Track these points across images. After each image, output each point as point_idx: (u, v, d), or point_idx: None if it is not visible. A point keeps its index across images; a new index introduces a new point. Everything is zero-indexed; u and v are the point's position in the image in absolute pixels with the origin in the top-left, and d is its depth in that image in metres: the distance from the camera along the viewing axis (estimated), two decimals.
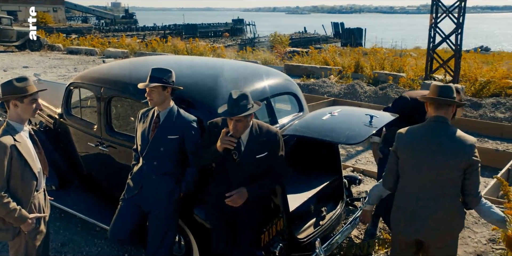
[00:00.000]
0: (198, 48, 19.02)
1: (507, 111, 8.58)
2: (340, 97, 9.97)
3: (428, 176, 2.53)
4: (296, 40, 35.85)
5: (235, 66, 4.53)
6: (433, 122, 2.59)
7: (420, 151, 2.56)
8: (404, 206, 2.63)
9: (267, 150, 2.73)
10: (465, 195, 2.55)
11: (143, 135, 2.99)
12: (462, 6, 11.56)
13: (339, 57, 15.43)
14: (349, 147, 6.98)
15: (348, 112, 3.58)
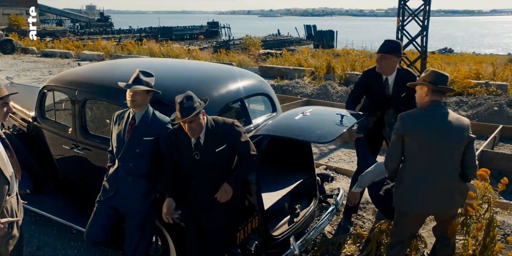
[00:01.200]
0: (173, 51, 18.87)
1: (469, 109, 8.83)
2: (313, 97, 10.05)
3: (439, 155, 2.73)
4: (270, 42, 35.98)
5: (209, 68, 4.52)
6: (434, 106, 2.79)
7: (430, 133, 2.74)
8: (418, 185, 2.78)
9: (226, 142, 2.73)
10: (465, 168, 2.79)
11: (119, 137, 2.95)
12: (426, 10, 11.82)
13: (311, 58, 15.56)
14: (322, 146, 7.05)
15: (319, 112, 3.61)
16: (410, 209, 2.85)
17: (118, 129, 2.97)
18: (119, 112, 3.05)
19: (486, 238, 3.12)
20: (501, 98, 8.99)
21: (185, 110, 2.56)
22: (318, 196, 3.88)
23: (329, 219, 3.67)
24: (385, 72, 3.70)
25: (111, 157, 3.08)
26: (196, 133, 2.66)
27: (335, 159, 6.60)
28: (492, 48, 39.65)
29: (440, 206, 2.82)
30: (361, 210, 4.18)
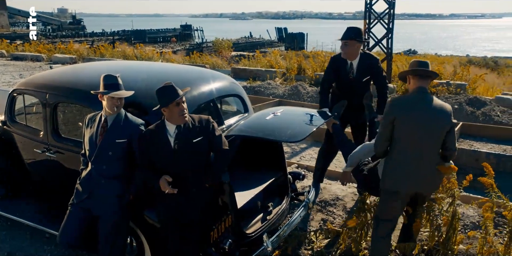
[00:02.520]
0: (146, 53, 18.62)
1: None
2: (285, 98, 10.10)
3: (426, 138, 2.90)
4: (242, 44, 35.94)
5: (181, 70, 4.48)
6: (420, 93, 2.96)
7: (418, 117, 2.89)
8: (405, 166, 2.93)
9: (203, 135, 2.78)
10: (446, 150, 2.98)
11: (91, 139, 2.90)
12: (391, 13, 12.11)
13: (283, 60, 15.66)
14: (293, 145, 7.09)
15: (289, 112, 3.64)
16: (401, 189, 2.96)
17: (90, 132, 2.92)
18: (91, 115, 3.00)
19: (450, 231, 3.20)
20: (461, 97, 9.26)
21: (172, 92, 2.65)
22: (290, 194, 3.90)
23: (301, 215, 3.70)
24: (349, 58, 3.93)
25: (83, 160, 3.02)
26: (187, 115, 2.74)
27: (306, 157, 6.65)
28: (451, 50, 40.90)
29: (426, 186, 3.03)
30: (331, 206, 4.23)
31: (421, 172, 2.93)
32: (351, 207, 4.27)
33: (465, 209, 3.90)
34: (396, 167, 2.96)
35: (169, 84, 2.70)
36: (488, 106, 8.72)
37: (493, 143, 7.40)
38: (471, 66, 15.82)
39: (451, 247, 3.14)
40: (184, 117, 2.71)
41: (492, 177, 3.09)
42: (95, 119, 2.94)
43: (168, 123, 2.76)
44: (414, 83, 2.99)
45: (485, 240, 3.01)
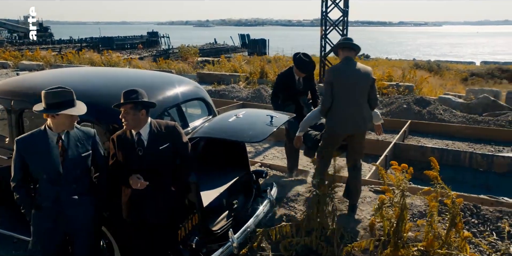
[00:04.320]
0: (113, 60, 18.19)
1: (384, 107, 9.32)
2: (248, 100, 10.11)
3: (356, 92, 3.75)
4: (207, 50, 35.71)
5: (147, 75, 4.40)
6: (348, 60, 3.81)
7: (349, 78, 3.75)
8: (342, 114, 3.76)
9: (169, 141, 2.73)
10: (370, 99, 3.83)
11: (48, 162, 2.53)
12: (345, 21, 12.36)
13: (246, 65, 15.69)
14: (257, 145, 7.11)
15: (251, 114, 3.66)
16: (342, 131, 3.82)
17: (39, 154, 2.53)
18: (26, 138, 2.57)
19: (400, 221, 3.30)
20: (409, 97, 9.58)
21: (127, 96, 2.60)
22: (253, 191, 3.91)
23: (265, 211, 3.71)
24: (300, 76, 4.84)
25: (22, 187, 2.60)
26: (129, 126, 2.64)
27: (269, 156, 6.69)
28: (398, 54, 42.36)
29: (359, 128, 3.83)
30: (293, 202, 4.27)
31: (356, 118, 3.77)
32: (312, 203, 4.32)
33: (413, 199, 4.03)
34: (336, 117, 3.78)
35: (134, 89, 2.63)
36: (432, 105, 9.06)
37: (437, 138, 7.71)
38: (417, 69, 16.44)
39: (401, 235, 3.23)
40: (128, 125, 2.63)
41: (437, 170, 3.21)
42: (35, 140, 2.54)
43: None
44: (342, 54, 3.86)
45: (430, 227, 3.12)
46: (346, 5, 12.15)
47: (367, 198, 4.22)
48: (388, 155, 6.12)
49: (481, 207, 3.89)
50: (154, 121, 2.77)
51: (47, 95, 2.48)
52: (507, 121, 8.09)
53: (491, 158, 6.17)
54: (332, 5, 12.27)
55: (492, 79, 17.41)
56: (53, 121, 2.52)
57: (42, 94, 2.49)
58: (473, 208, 3.87)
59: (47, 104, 2.48)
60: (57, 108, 2.47)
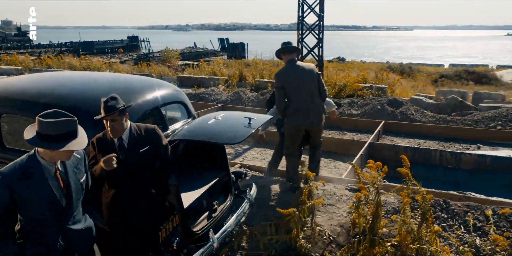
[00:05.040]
0: (94, 64, 17.86)
1: (359, 108, 9.46)
2: (228, 103, 10.10)
3: (307, 89, 4.12)
4: (187, 54, 35.50)
5: (127, 79, 4.35)
6: (291, 62, 4.21)
7: (297, 79, 4.11)
8: (298, 111, 4.13)
9: (149, 144, 2.70)
10: (320, 92, 4.24)
11: (50, 196, 2.15)
12: (321, 25, 12.50)
13: (225, 68, 15.65)
14: (236, 146, 7.10)
15: (230, 116, 3.65)
16: (301, 125, 4.21)
17: (34, 188, 2.11)
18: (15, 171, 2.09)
19: (374, 217, 3.35)
20: (382, 98, 9.74)
21: (108, 108, 2.51)
22: (233, 192, 3.91)
23: (244, 212, 3.71)
24: None
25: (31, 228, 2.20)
26: (117, 133, 2.60)
27: (249, 157, 6.69)
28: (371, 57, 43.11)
29: (314, 123, 4.23)
30: (272, 201, 4.28)
31: (310, 114, 4.15)
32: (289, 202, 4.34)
33: (387, 197, 4.10)
34: (293, 114, 4.16)
35: (113, 97, 2.58)
36: (405, 106, 9.23)
37: (410, 138, 7.87)
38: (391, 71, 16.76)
39: (376, 231, 3.28)
40: (114, 134, 2.60)
41: (408, 167, 3.27)
42: (27, 173, 2.10)
43: None
44: (285, 57, 4.23)
45: (403, 223, 3.18)
46: (322, 10, 12.28)
47: (343, 196, 4.27)
48: (364, 155, 6.20)
49: (450, 202, 3.99)
50: (133, 125, 2.75)
51: (47, 126, 2.00)
52: (473, 121, 8.32)
53: (459, 155, 6.34)
54: (308, 10, 12.39)
55: (459, 81, 17.89)
56: (49, 154, 2.09)
57: (39, 121, 2.01)
58: (443, 203, 3.96)
59: (46, 135, 2.01)
60: (58, 142, 2.02)
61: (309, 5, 12.34)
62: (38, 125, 2.02)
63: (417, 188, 3.27)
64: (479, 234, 3.49)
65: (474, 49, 74.01)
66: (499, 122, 8.08)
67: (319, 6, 12.28)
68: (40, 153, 2.12)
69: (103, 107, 2.54)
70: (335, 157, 6.66)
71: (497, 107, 9.12)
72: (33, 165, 2.11)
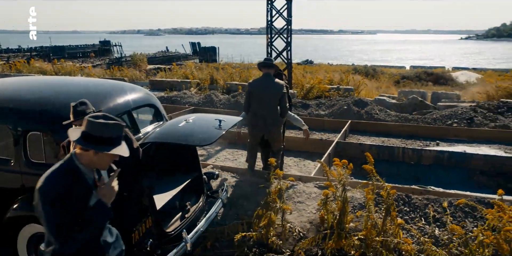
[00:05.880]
0: (65, 68, 17.33)
1: (327, 109, 9.61)
2: (200, 105, 10.02)
3: (267, 101, 4.59)
4: (160, 58, 35.00)
5: (99, 83, 4.25)
6: (265, 76, 4.67)
7: (261, 90, 4.61)
8: (256, 117, 4.65)
9: None
10: (281, 107, 4.64)
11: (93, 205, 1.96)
12: (289, 29, 12.63)
13: (197, 71, 15.55)
14: (209, 148, 7.06)
15: (201, 118, 3.63)
16: (256, 131, 4.74)
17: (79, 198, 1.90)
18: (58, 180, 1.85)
19: (341, 213, 3.41)
20: (349, 99, 9.93)
21: (78, 113, 2.46)
22: (205, 192, 3.88)
23: (217, 211, 3.70)
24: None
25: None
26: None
27: (221, 158, 6.67)
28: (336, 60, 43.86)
29: (267, 131, 4.67)
30: (244, 201, 4.28)
31: (267, 122, 4.60)
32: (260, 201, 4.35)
33: (353, 193, 4.18)
34: (253, 119, 4.67)
35: (82, 102, 2.52)
36: (370, 106, 9.45)
37: (374, 136, 8.06)
38: (356, 73, 17.12)
39: (343, 226, 3.34)
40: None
41: (373, 164, 3.35)
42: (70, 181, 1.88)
43: None
44: (263, 70, 4.70)
45: (368, 217, 3.26)
46: (289, 14, 12.42)
47: (312, 193, 4.32)
48: (331, 153, 6.30)
49: (412, 196, 4.11)
50: None
51: (98, 127, 1.87)
52: (432, 119, 8.62)
53: (420, 152, 6.55)
54: (277, 14, 12.49)
55: (419, 82, 18.47)
56: (91, 157, 1.92)
57: (90, 122, 1.88)
58: (405, 197, 4.08)
59: (94, 137, 1.87)
60: (107, 145, 1.89)
61: (277, 10, 12.44)
62: (88, 125, 1.88)
63: (381, 184, 3.36)
64: (438, 225, 3.61)
65: (431, 52, 76.68)
66: (455, 120, 8.41)
67: (287, 11, 12.42)
68: (79, 157, 1.93)
69: (73, 111, 2.48)
70: (304, 156, 6.73)
71: (453, 106, 9.49)
72: (73, 173, 1.91)
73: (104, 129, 1.87)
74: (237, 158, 6.60)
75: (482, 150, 6.82)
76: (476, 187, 5.83)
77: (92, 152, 1.89)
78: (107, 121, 1.89)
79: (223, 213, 3.93)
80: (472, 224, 3.61)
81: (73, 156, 1.94)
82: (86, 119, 1.89)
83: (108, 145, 1.88)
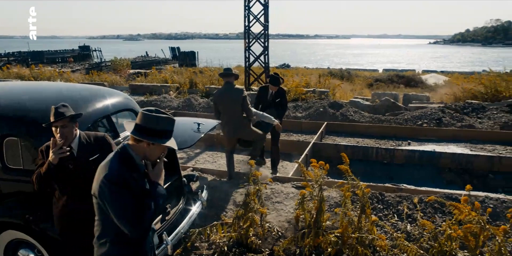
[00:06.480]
0: (44, 73, 16.89)
1: (304, 111, 9.70)
2: (179, 109, 9.94)
3: (231, 107, 4.78)
4: (140, 62, 34.52)
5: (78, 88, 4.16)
6: (227, 84, 4.87)
7: (224, 98, 4.83)
8: (225, 123, 4.88)
9: (99, 152, 2.59)
10: (245, 111, 4.82)
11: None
12: (266, 34, 12.69)
13: (176, 76, 15.42)
14: (189, 150, 7.01)
15: (179, 122, 3.54)
16: (227, 135, 4.97)
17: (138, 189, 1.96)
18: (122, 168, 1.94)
19: (318, 212, 3.45)
20: (324, 102, 10.05)
21: (59, 114, 2.43)
22: (185, 195, 3.85)
23: (197, 213, 3.67)
24: (272, 89, 5.64)
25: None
26: (66, 141, 2.48)
27: (201, 161, 6.63)
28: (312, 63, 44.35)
29: (238, 131, 4.89)
30: (223, 202, 4.27)
31: (234, 126, 4.82)
32: (239, 201, 4.36)
33: (330, 192, 4.23)
34: (224, 124, 4.89)
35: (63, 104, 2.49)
36: (345, 108, 9.59)
37: (350, 137, 8.18)
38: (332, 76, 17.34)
39: (320, 225, 3.38)
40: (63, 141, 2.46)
41: (348, 164, 3.40)
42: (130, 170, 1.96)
43: None
44: (224, 79, 4.89)
45: (345, 215, 3.31)
46: (266, 20, 12.48)
47: (290, 193, 4.35)
48: (308, 154, 6.36)
49: (385, 194, 4.19)
50: (83, 133, 2.65)
51: (152, 119, 1.91)
52: (403, 119, 8.83)
53: (392, 151, 6.69)
54: (254, 20, 12.53)
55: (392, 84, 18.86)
56: (144, 148, 1.96)
57: (144, 115, 1.91)
58: (379, 195, 4.16)
59: (148, 129, 1.91)
60: (159, 137, 1.93)
61: (254, 15, 12.48)
62: (142, 118, 1.92)
63: (357, 183, 3.41)
64: (410, 220, 3.70)
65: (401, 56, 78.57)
66: (425, 121, 8.63)
67: (264, 17, 12.47)
68: (132, 148, 1.98)
69: (54, 113, 2.44)
70: (282, 157, 6.75)
71: (423, 107, 9.74)
72: (130, 163, 1.96)
73: (157, 122, 1.92)
74: (217, 160, 6.58)
75: (450, 149, 7.03)
76: (445, 183, 6.00)
77: (145, 143, 1.94)
78: (159, 114, 1.94)
79: (203, 214, 3.90)
80: (441, 219, 3.72)
81: (127, 147, 1.99)
82: (141, 112, 1.94)
83: (160, 137, 1.93)
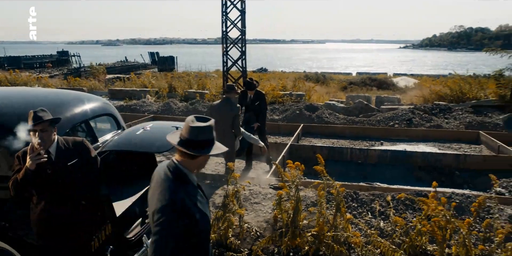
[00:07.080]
0: (21, 79, 16.37)
1: (281, 113, 9.77)
2: (159, 113, 9.84)
3: (222, 121, 4.75)
4: (119, 67, 33.95)
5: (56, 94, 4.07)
6: (224, 100, 5.07)
7: (219, 111, 4.95)
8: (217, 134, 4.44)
9: (77, 157, 2.55)
10: (233, 127, 4.93)
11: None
12: (243, 39, 12.71)
13: (155, 80, 15.25)
14: (168, 154, 6.93)
15: (158, 126, 3.58)
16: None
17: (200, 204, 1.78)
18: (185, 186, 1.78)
19: (295, 212, 3.48)
20: (301, 104, 10.17)
21: (38, 117, 2.37)
22: None
23: None
24: (250, 93, 6.10)
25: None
26: (45, 145, 2.41)
27: None
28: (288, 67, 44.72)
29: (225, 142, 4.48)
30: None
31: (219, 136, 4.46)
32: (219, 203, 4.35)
33: (306, 192, 4.28)
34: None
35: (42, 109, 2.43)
36: (320, 110, 9.73)
37: (325, 138, 8.30)
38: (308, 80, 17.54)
39: (297, 224, 3.41)
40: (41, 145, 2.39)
41: (323, 165, 3.45)
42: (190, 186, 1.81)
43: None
44: (226, 94, 5.10)
45: (320, 214, 3.35)
46: (244, 25, 12.50)
47: (268, 194, 4.37)
48: (285, 155, 6.41)
49: (359, 192, 4.27)
50: (61, 138, 2.59)
51: (200, 131, 1.74)
52: (376, 121, 9.02)
53: (366, 151, 6.83)
54: (231, 25, 12.55)
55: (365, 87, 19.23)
56: (201, 162, 1.83)
57: (192, 128, 1.72)
58: (353, 194, 4.23)
59: (195, 141, 1.73)
60: (206, 148, 1.77)
61: (231, 21, 12.50)
62: (190, 132, 1.72)
63: (332, 183, 3.47)
64: (383, 217, 3.78)
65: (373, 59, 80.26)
66: (396, 121, 8.85)
67: (241, 22, 12.49)
68: (186, 165, 1.80)
69: (32, 117, 2.38)
70: (260, 159, 6.79)
71: (395, 108, 9.99)
72: (183, 177, 1.78)
73: (205, 132, 1.75)
74: None
75: (420, 148, 7.24)
76: (415, 181, 6.17)
77: (204, 157, 1.79)
78: (202, 124, 1.75)
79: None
80: (412, 215, 3.82)
81: (177, 164, 1.80)
82: (189, 127, 1.73)
83: (211, 146, 1.79)
